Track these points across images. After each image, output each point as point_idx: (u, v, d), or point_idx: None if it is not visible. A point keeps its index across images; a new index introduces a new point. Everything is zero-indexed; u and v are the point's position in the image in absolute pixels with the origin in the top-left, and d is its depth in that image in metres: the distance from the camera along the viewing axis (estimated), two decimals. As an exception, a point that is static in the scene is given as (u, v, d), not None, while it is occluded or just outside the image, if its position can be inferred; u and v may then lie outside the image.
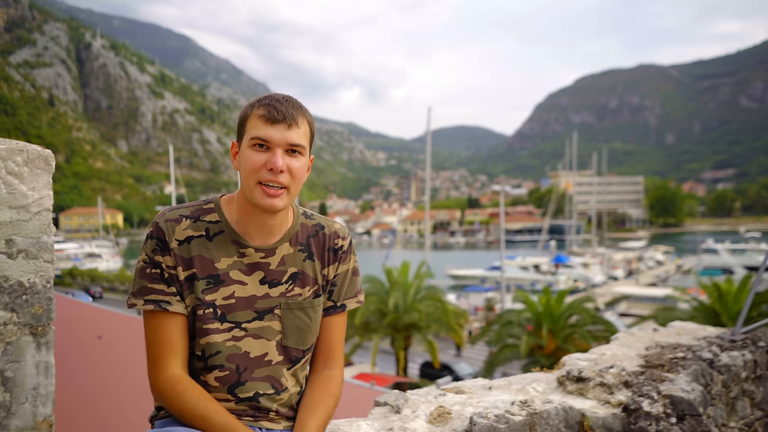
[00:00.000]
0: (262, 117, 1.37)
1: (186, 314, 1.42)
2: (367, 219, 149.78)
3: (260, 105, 1.39)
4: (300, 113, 1.40)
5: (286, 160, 1.37)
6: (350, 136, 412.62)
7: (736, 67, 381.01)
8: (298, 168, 1.39)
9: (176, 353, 1.40)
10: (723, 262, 43.20)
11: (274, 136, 1.36)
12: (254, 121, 1.38)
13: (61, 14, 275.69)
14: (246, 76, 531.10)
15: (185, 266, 1.41)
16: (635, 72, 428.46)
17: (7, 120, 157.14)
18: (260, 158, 1.36)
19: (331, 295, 1.57)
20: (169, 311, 1.39)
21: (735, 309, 14.95)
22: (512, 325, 17.98)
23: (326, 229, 1.56)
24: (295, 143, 1.37)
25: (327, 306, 1.57)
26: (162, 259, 1.40)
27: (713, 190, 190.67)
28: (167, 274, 1.40)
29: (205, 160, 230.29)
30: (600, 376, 2.26)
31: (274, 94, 1.43)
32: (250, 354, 1.44)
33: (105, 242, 72.17)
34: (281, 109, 1.37)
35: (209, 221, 1.45)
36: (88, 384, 5.14)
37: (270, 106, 1.37)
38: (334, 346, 1.57)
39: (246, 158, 1.38)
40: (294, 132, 1.37)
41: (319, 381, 1.53)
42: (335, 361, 1.57)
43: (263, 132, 1.36)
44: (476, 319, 31.02)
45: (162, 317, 1.40)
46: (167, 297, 1.39)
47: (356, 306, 1.60)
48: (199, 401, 1.36)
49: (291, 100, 1.41)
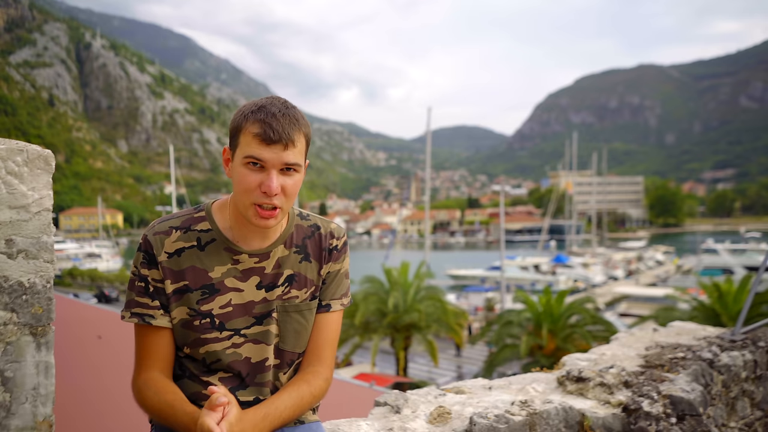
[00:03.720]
0: (257, 136, 1.30)
1: (170, 327, 1.42)
2: (367, 219, 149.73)
3: (255, 120, 1.31)
4: (296, 129, 1.33)
5: (280, 180, 1.33)
6: (350, 136, 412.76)
7: (736, 67, 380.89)
8: (292, 185, 1.35)
9: (154, 362, 1.42)
10: (723, 262, 43.16)
11: (269, 158, 1.30)
12: (248, 137, 1.31)
13: (61, 14, 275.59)
14: (246, 76, 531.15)
15: (174, 279, 1.40)
16: (635, 72, 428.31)
17: (7, 120, 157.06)
18: (255, 179, 1.32)
19: (320, 293, 1.55)
20: (153, 325, 1.40)
21: (735, 309, 14.93)
22: (512, 325, 17.95)
23: (322, 229, 1.55)
24: (291, 163, 1.33)
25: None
26: (148, 273, 1.40)
27: (713, 190, 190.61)
28: (152, 287, 1.40)
29: (205, 160, 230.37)
30: (600, 376, 2.25)
31: (269, 104, 1.35)
32: (252, 359, 1.44)
33: (105, 242, 72.20)
34: (277, 129, 1.30)
35: (200, 230, 1.43)
36: (88, 384, 5.14)
37: (265, 124, 1.30)
38: (321, 346, 1.52)
39: (240, 176, 1.33)
40: (290, 152, 1.32)
41: (300, 373, 1.50)
42: (322, 362, 1.51)
43: (257, 152, 1.30)
44: (476, 319, 31.00)
45: (145, 329, 1.42)
46: (151, 311, 1.40)
47: (340, 308, 1.55)
48: (156, 394, 1.36)
49: (288, 114, 1.33)
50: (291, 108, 1.37)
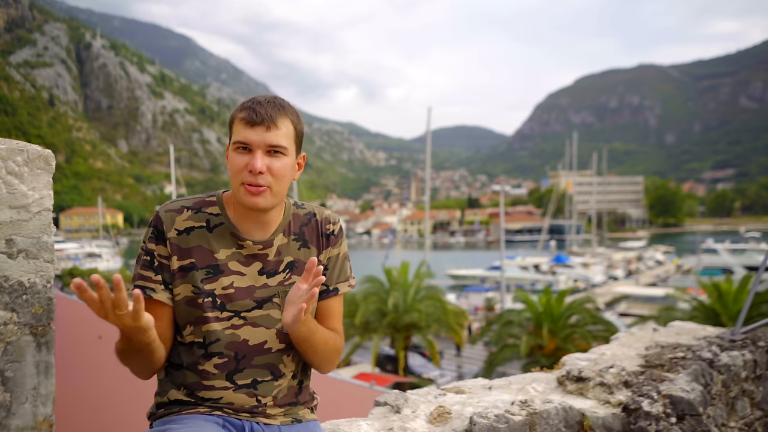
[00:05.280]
0: (242, 120, 1.42)
1: (170, 305, 1.46)
2: (367, 219, 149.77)
3: (243, 108, 1.43)
4: (281, 113, 1.43)
5: (266, 161, 1.41)
6: (350, 136, 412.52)
7: (736, 67, 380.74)
8: (280, 167, 1.42)
9: None
10: (723, 262, 43.12)
11: (252, 139, 1.40)
12: (237, 124, 1.43)
13: (61, 14, 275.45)
14: (246, 76, 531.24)
15: (181, 256, 1.45)
16: (635, 72, 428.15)
17: (8, 120, 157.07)
18: (242, 160, 1.41)
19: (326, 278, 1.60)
20: (153, 298, 1.43)
21: (735, 309, 14.94)
22: (512, 325, 17.96)
23: (317, 216, 1.60)
24: (275, 144, 1.41)
25: (320, 290, 1.59)
26: (155, 248, 1.45)
27: (713, 190, 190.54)
28: (157, 262, 1.45)
29: (205, 160, 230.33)
30: (600, 375, 2.26)
31: (259, 96, 1.46)
32: (249, 342, 1.48)
33: (105, 242, 72.18)
34: (260, 112, 1.40)
35: (210, 213, 1.50)
36: (88, 384, 5.14)
37: (250, 109, 1.41)
38: (333, 319, 1.60)
39: (231, 161, 1.43)
40: (273, 133, 1.41)
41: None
42: (337, 331, 1.60)
43: (243, 135, 1.41)
44: (476, 319, 31.00)
45: (146, 302, 1.43)
46: (153, 284, 1.45)
47: (348, 290, 1.63)
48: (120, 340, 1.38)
49: (274, 101, 1.45)
50: (279, 98, 1.48)
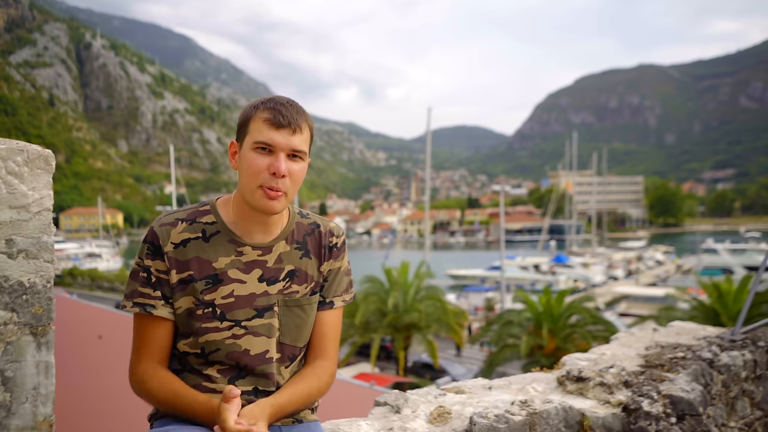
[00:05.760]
0: (267, 121, 1.39)
1: (171, 319, 1.44)
2: (367, 219, 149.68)
3: (265, 108, 1.41)
4: (303, 118, 1.43)
5: (287, 164, 1.40)
6: (350, 136, 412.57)
7: (736, 67, 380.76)
8: (298, 172, 1.43)
9: (153, 352, 1.44)
10: (723, 262, 43.14)
11: (278, 141, 1.39)
12: (258, 124, 1.40)
13: (61, 14, 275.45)
14: (246, 76, 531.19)
15: (180, 269, 1.43)
16: (635, 72, 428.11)
17: (8, 120, 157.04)
18: (263, 162, 1.39)
19: (321, 290, 1.59)
20: (153, 315, 1.42)
21: (735, 309, 14.95)
22: (512, 325, 17.95)
23: (321, 227, 1.60)
24: (298, 149, 1.41)
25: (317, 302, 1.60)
26: (152, 264, 1.43)
27: (713, 190, 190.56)
28: (155, 278, 1.43)
29: (205, 160, 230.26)
30: (600, 375, 2.26)
31: (277, 96, 1.45)
32: (251, 351, 1.46)
33: (105, 242, 72.20)
34: (286, 114, 1.39)
35: (205, 222, 1.48)
36: (88, 384, 5.14)
37: (275, 110, 1.40)
38: (325, 340, 1.58)
39: (248, 161, 1.40)
40: (297, 137, 1.41)
41: (308, 367, 1.55)
42: (327, 355, 1.57)
43: (267, 136, 1.38)
44: (476, 319, 31.00)
45: (146, 319, 1.44)
46: (152, 301, 1.43)
47: (342, 305, 1.61)
48: (161, 384, 1.40)
49: (294, 104, 1.44)
50: (296, 102, 1.47)
